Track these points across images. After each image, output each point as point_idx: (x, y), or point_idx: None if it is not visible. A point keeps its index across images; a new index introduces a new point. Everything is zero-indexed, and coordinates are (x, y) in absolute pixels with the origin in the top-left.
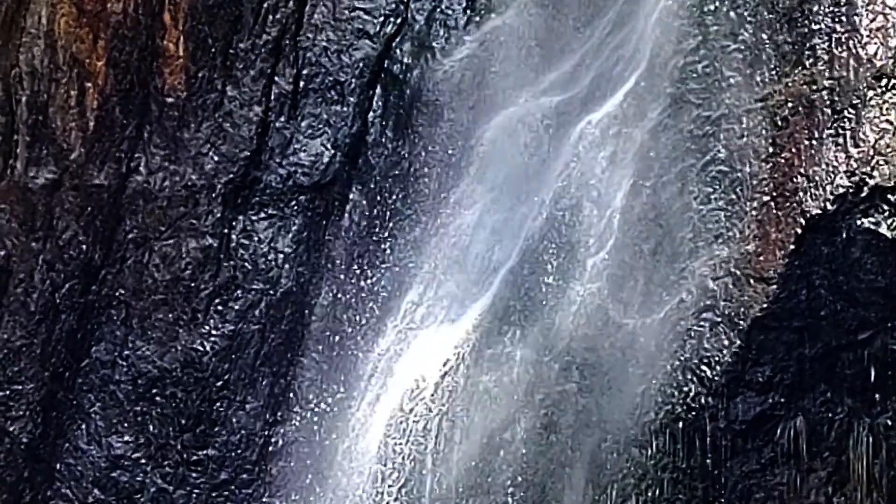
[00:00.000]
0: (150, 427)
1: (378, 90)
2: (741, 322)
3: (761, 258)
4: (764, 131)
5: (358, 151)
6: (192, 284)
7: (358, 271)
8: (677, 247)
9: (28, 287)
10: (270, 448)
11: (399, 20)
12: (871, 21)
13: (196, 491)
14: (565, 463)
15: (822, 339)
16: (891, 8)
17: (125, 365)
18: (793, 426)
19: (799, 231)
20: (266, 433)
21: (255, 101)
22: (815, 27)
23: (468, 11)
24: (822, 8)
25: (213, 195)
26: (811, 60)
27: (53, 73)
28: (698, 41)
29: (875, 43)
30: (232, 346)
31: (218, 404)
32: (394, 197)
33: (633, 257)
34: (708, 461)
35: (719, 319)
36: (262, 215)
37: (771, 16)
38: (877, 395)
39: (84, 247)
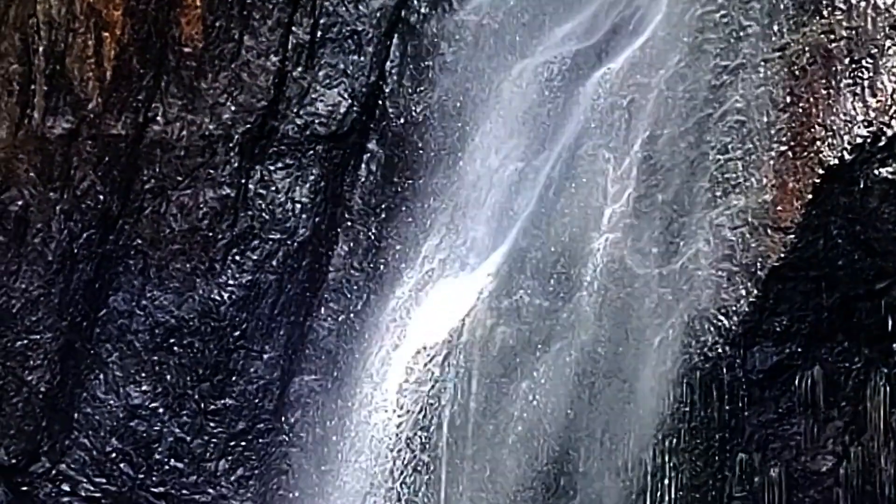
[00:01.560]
0: (168, 377)
1: (395, 40)
2: (758, 272)
3: (779, 208)
4: (781, 81)
5: (375, 101)
6: (210, 234)
7: (375, 221)
8: (694, 196)
9: (46, 237)
10: (288, 397)
11: None
12: None
13: (214, 440)
14: (582, 413)
15: (840, 289)
16: None
17: (143, 315)
18: (810, 376)
19: (816, 180)
20: (283, 382)
21: (273, 50)
22: None
23: None
24: None
25: (231, 145)
26: (829, 10)
27: (71, 23)
28: None
29: None
30: (249, 296)
31: (235, 354)
32: (411, 147)
33: (651, 207)
34: (725, 411)
35: (737, 269)
36: (280, 165)
37: None
38: (894, 345)
39: (101, 196)
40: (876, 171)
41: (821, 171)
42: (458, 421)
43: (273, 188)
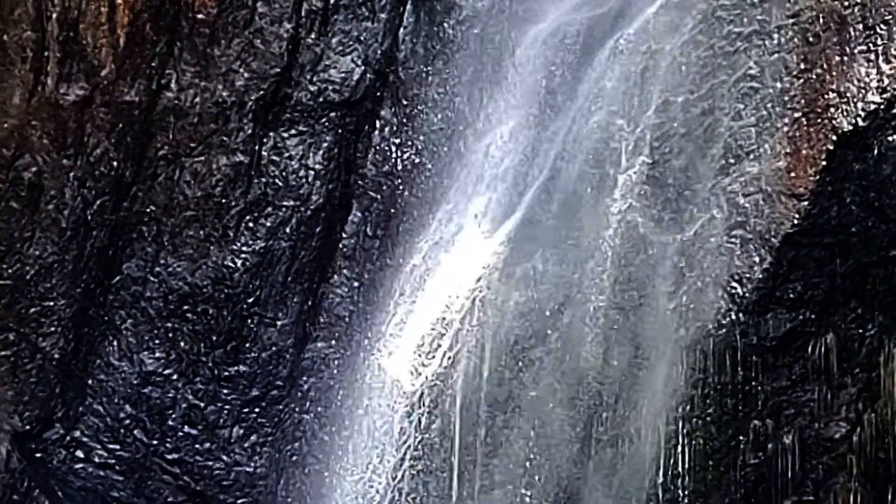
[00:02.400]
0: (182, 343)
1: (408, 6)
2: (772, 238)
3: (792, 175)
4: (795, 48)
5: (388, 68)
6: (223, 201)
7: (388, 188)
8: (708, 163)
9: (59, 204)
10: (301, 364)
11: None
12: None
13: (227, 407)
14: (595, 380)
15: (853, 256)
16: None
17: (156, 281)
18: (823, 342)
19: (830, 147)
20: (297, 349)
21: (286, 17)
22: None
23: None
24: None
25: (244, 112)
26: None
27: None
28: None
29: None
30: (263, 263)
31: (249, 321)
32: (424, 113)
33: (664, 174)
34: (738, 377)
35: (750, 236)
36: (293, 132)
37: None
38: None
39: (115, 163)
40: (890, 138)
41: (834, 138)
42: (472, 387)
43: (286, 155)
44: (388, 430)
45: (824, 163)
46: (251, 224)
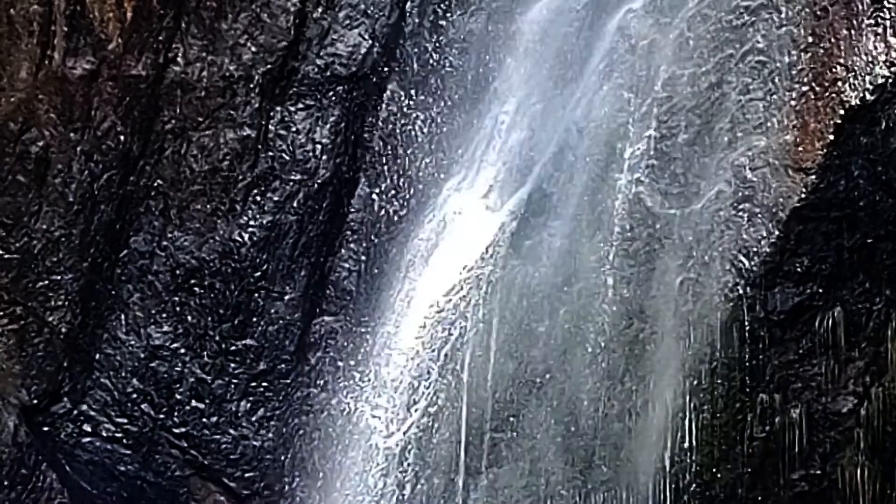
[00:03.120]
0: (189, 317)
1: None
2: (779, 212)
3: (800, 148)
4: (803, 21)
5: (395, 42)
6: (230, 175)
7: (395, 162)
8: (715, 137)
9: (66, 178)
10: (308, 338)
11: None
12: None
13: (234, 381)
14: (603, 353)
15: (861, 230)
16: None
17: (163, 255)
18: (831, 316)
19: (838, 121)
20: (304, 323)
21: None
22: None
23: None
24: None
25: (251, 86)
26: None
27: None
28: None
29: None
30: (270, 237)
31: (256, 295)
32: (431, 87)
33: (672, 147)
34: (746, 351)
35: (758, 210)
36: (300, 106)
37: None
38: None
39: (122, 137)
40: None
41: (842, 112)
42: (479, 361)
43: (294, 129)
44: (395, 404)
45: (832, 137)
46: (258, 198)
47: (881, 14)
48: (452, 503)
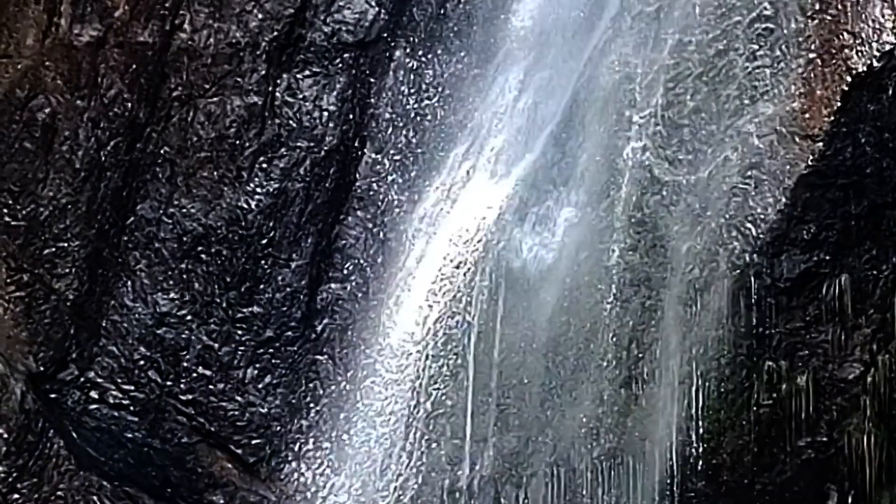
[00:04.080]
0: (196, 284)
1: None
2: (786, 180)
3: (807, 115)
4: None
5: (402, 9)
6: (237, 142)
7: (402, 129)
8: (722, 104)
9: (73, 145)
10: (315, 306)
11: None
12: None
13: (241, 348)
14: (609, 321)
15: (868, 197)
16: None
17: (170, 223)
18: (838, 283)
19: (845, 88)
20: (310, 291)
21: None
22: None
23: None
24: None
25: (258, 53)
26: None
27: None
28: None
29: None
30: (277, 204)
31: (263, 262)
32: (438, 54)
33: (679, 114)
34: (752, 319)
35: (764, 177)
36: (307, 73)
37: None
38: None
39: (129, 104)
40: None
41: (849, 79)
42: (486, 329)
43: (300, 96)
44: (402, 372)
45: (839, 104)
46: (265, 165)
47: None
48: (459, 470)
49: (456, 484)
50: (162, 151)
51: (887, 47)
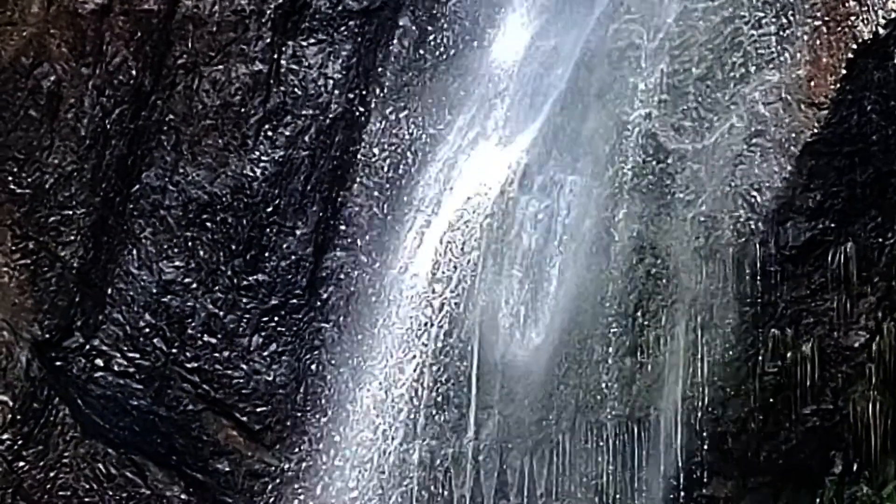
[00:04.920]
0: (201, 252)
1: None
2: (792, 147)
3: (812, 83)
4: None
5: None
6: (242, 110)
7: (407, 97)
8: (728, 72)
9: (78, 112)
10: (320, 273)
11: None
12: None
13: (247, 316)
14: (614, 289)
15: (873, 164)
16: None
17: (175, 190)
18: (843, 251)
19: (850, 56)
20: (316, 258)
21: None
22: None
23: None
24: None
25: (263, 20)
26: None
27: None
28: None
29: None
30: (282, 172)
31: (268, 230)
32: (443, 23)
33: (684, 82)
34: (757, 286)
35: (770, 145)
36: (312, 41)
37: None
38: None
39: (134, 72)
40: None
41: (855, 47)
42: (491, 296)
43: (305, 64)
44: (407, 339)
45: (844, 71)
46: (270, 133)
47: None
48: (464, 437)
49: (460, 451)
50: (167, 119)
51: (893, 14)
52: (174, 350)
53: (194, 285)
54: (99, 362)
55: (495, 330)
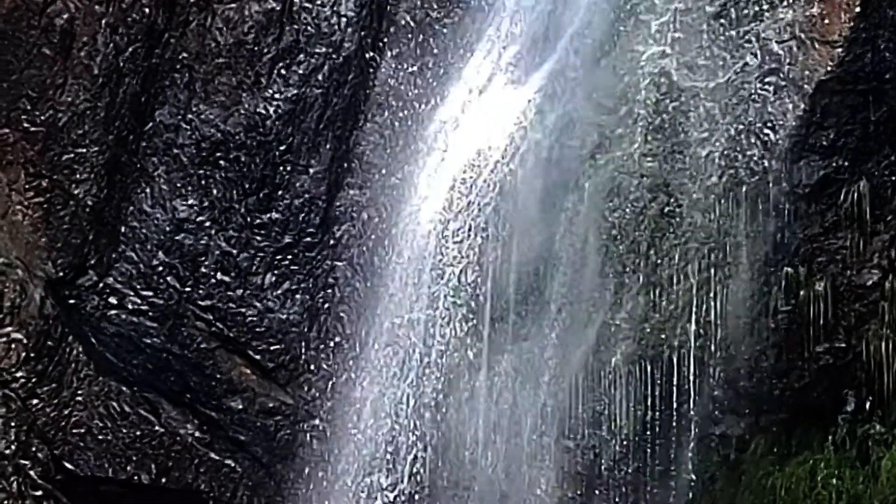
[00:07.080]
0: (214, 191)
1: None
2: (805, 85)
3: (826, 21)
4: None
5: None
6: (255, 48)
7: (420, 35)
8: (742, 10)
9: (91, 50)
10: (333, 212)
11: None
12: None
13: (260, 254)
14: (627, 227)
15: (887, 103)
16: None
17: (188, 129)
18: (856, 189)
19: None
20: (329, 197)
21: None
22: None
23: None
24: None
25: None
26: None
27: None
28: None
29: None
30: (295, 110)
31: (281, 168)
32: None
33: (698, 20)
34: (771, 225)
35: (783, 83)
36: None
37: None
38: None
39: (147, 10)
40: None
41: None
42: (504, 235)
43: (319, 2)
44: (420, 278)
45: (858, 9)
46: (283, 71)
47: None
48: (478, 377)
49: (474, 388)
50: (180, 57)
51: None
52: (188, 288)
53: (207, 223)
54: (112, 300)
55: (508, 268)
